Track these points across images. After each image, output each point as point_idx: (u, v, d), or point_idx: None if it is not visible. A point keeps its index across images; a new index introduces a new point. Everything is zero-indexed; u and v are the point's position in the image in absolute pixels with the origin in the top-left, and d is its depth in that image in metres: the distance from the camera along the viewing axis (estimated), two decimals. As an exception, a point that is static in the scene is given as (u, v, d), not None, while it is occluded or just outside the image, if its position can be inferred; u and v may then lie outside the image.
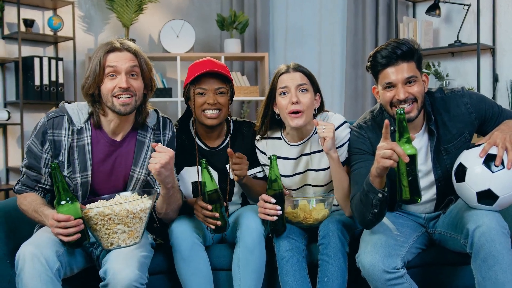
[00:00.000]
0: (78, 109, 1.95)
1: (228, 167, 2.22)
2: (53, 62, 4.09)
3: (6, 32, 4.03)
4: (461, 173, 1.82)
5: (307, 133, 2.17)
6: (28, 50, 4.11)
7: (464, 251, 1.81)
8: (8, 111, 3.86)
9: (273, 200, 1.95)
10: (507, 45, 4.13)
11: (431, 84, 4.23)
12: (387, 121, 1.73)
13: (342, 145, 2.11)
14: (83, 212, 1.76)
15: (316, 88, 2.15)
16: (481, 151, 1.79)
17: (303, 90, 2.09)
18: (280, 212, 1.96)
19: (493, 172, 1.75)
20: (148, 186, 2.05)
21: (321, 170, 2.17)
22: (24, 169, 1.96)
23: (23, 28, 4.00)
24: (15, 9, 3.94)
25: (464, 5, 4.16)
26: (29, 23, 4.02)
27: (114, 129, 1.95)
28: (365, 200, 1.82)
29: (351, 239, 2.04)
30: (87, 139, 1.93)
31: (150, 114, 2.04)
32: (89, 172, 1.93)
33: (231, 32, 4.74)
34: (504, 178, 1.74)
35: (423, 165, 2.00)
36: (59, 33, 4.21)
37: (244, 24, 4.69)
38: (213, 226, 1.99)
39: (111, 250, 1.79)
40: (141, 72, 1.94)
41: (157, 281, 2.07)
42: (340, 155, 2.09)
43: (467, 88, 2.07)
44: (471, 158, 1.82)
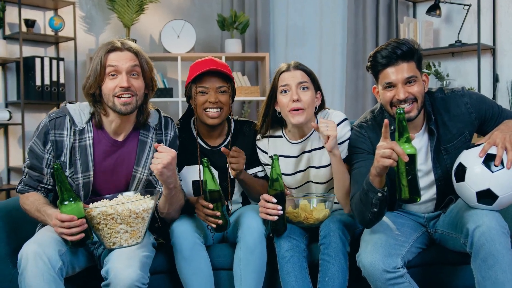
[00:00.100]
0: (80, 110, 1.96)
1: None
2: (54, 62, 4.09)
3: (8, 32, 4.03)
4: (461, 172, 1.82)
5: (308, 130, 2.17)
6: (29, 50, 4.11)
7: (464, 251, 1.82)
8: (9, 111, 3.85)
9: (274, 200, 1.95)
10: (508, 45, 4.13)
11: (431, 84, 4.23)
12: (386, 121, 1.74)
13: (343, 142, 2.11)
14: (86, 211, 1.76)
15: (317, 86, 2.16)
16: (481, 151, 1.79)
17: (303, 88, 2.10)
18: (281, 212, 1.96)
19: (492, 172, 1.75)
20: (150, 186, 2.05)
21: (322, 167, 2.17)
22: (26, 169, 1.97)
23: (24, 28, 4.00)
24: (16, 9, 3.94)
25: (464, 5, 4.16)
26: (30, 23, 4.02)
27: (116, 129, 1.96)
28: (364, 199, 1.82)
29: (351, 239, 2.04)
30: (88, 139, 1.93)
31: (152, 114, 2.05)
32: (91, 172, 1.93)
33: (232, 32, 4.74)
34: (503, 177, 1.75)
35: (423, 165, 2.01)
36: (60, 33, 4.21)
37: (245, 24, 4.68)
38: (214, 225, 2.00)
39: (113, 250, 1.79)
40: (142, 71, 1.94)
41: (158, 281, 2.07)
42: (341, 152, 2.09)
43: (467, 88, 2.08)
44: (470, 158, 1.82)
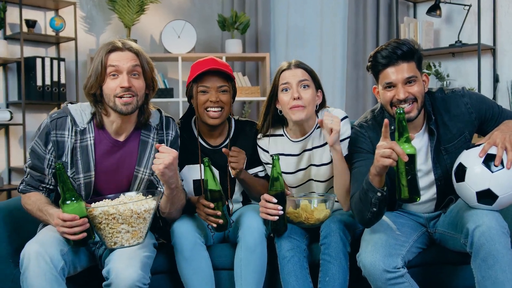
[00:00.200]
0: (81, 110, 1.96)
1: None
2: (55, 62, 4.09)
3: (8, 32, 4.04)
4: (461, 173, 1.82)
5: (309, 128, 2.18)
6: (30, 51, 4.12)
7: (464, 251, 1.82)
8: (10, 112, 3.86)
9: (275, 200, 1.96)
10: (508, 45, 4.13)
11: (432, 84, 4.23)
12: (386, 120, 1.74)
13: (343, 140, 2.11)
14: (88, 211, 1.76)
15: (317, 85, 2.17)
16: (481, 151, 1.80)
17: (304, 86, 2.10)
18: (281, 212, 1.96)
19: (492, 172, 1.76)
20: (152, 186, 2.06)
21: (323, 165, 2.17)
22: (28, 169, 1.97)
23: (25, 28, 4.01)
24: (17, 9, 3.94)
25: (464, 5, 4.16)
26: (31, 23, 4.02)
27: (117, 129, 1.96)
28: (364, 198, 1.83)
29: (352, 239, 2.05)
30: (90, 140, 1.93)
31: (153, 114, 2.05)
32: (92, 173, 1.94)
33: (232, 32, 4.74)
34: (503, 177, 1.75)
35: (423, 165, 2.01)
36: (61, 34, 4.21)
37: (245, 25, 4.69)
38: (214, 225, 2.00)
39: (115, 250, 1.79)
40: (143, 71, 1.94)
41: (159, 281, 2.08)
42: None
43: (467, 89, 2.08)
44: (471, 158, 1.82)
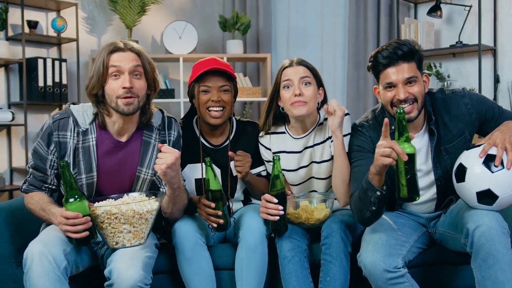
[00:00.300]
0: (83, 111, 1.97)
1: (232, 164, 2.23)
2: (57, 63, 4.10)
3: (10, 33, 4.04)
4: (461, 173, 1.83)
5: (310, 125, 2.20)
6: (32, 52, 4.12)
7: (465, 251, 1.82)
8: (12, 112, 3.86)
9: (276, 200, 1.96)
10: (509, 46, 4.14)
11: (432, 85, 4.23)
12: (386, 120, 1.75)
13: (344, 136, 2.10)
14: (91, 210, 1.77)
15: (319, 82, 2.19)
16: (481, 152, 1.80)
17: (306, 83, 2.12)
18: (282, 212, 1.97)
19: (492, 172, 1.76)
20: (154, 187, 2.06)
21: (323, 161, 2.18)
22: (31, 170, 1.98)
23: (27, 29, 4.02)
24: (19, 10, 3.95)
25: (465, 6, 4.17)
26: (33, 24, 4.03)
27: (119, 129, 1.96)
28: (363, 197, 1.83)
29: (353, 239, 2.05)
30: (92, 141, 1.94)
31: (155, 114, 2.06)
32: (94, 173, 1.94)
33: (233, 33, 4.75)
34: (503, 178, 1.75)
35: (424, 165, 2.01)
36: (62, 35, 4.22)
37: (246, 25, 4.69)
38: (215, 225, 2.01)
39: (116, 249, 1.80)
40: (145, 72, 1.94)
41: (160, 281, 2.08)
42: None
43: (468, 89, 2.09)
44: (471, 159, 1.83)
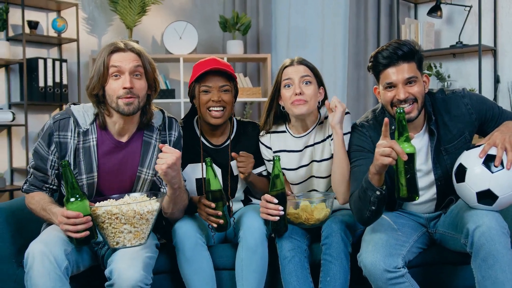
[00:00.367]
0: (84, 111, 1.97)
1: (232, 164, 2.25)
2: (57, 63, 4.11)
3: (11, 34, 4.05)
4: (461, 173, 1.83)
5: (311, 124, 2.21)
6: (32, 52, 4.13)
7: (465, 251, 1.83)
8: (12, 112, 3.87)
9: (276, 201, 1.97)
10: (509, 46, 4.14)
11: (432, 85, 4.23)
12: (386, 119, 1.75)
13: (344, 134, 2.11)
14: (92, 209, 1.77)
15: (320, 81, 2.20)
16: (481, 152, 1.80)
17: (306, 82, 2.13)
18: (282, 213, 1.97)
19: (492, 172, 1.76)
20: (154, 187, 2.07)
21: (324, 160, 2.19)
22: (32, 170, 1.98)
23: (27, 30, 4.02)
24: (20, 11, 3.96)
25: (465, 6, 4.16)
26: (33, 25, 4.03)
27: (120, 130, 1.97)
28: (363, 196, 1.84)
29: (353, 240, 2.06)
30: (92, 141, 1.94)
31: (156, 115, 2.06)
32: (95, 174, 1.95)
33: (234, 33, 4.75)
34: (503, 178, 1.76)
35: (424, 165, 2.02)
36: (63, 35, 4.22)
37: (247, 26, 4.69)
38: (215, 225, 2.01)
39: (117, 249, 1.80)
40: (145, 72, 1.94)
41: (161, 281, 2.08)
42: None
43: (468, 89, 2.09)
44: (471, 159, 1.83)
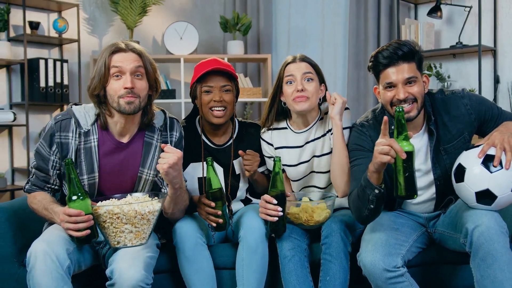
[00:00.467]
0: (85, 112, 1.98)
1: (235, 163, 2.27)
2: (58, 64, 4.11)
3: (12, 34, 4.05)
4: (460, 173, 1.84)
5: (311, 120, 2.23)
6: (33, 52, 4.13)
7: (464, 250, 1.83)
8: (13, 113, 3.87)
9: (275, 201, 1.97)
10: (509, 46, 4.14)
11: (432, 85, 4.24)
12: (386, 118, 1.76)
13: (343, 129, 2.13)
14: (93, 209, 1.78)
15: (321, 79, 2.22)
16: (480, 152, 1.81)
17: (308, 79, 2.15)
18: (281, 214, 1.98)
19: (491, 172, 1.77)
20: (155, 187, 2.07)
21: (324, 155, 2.21)
22: (33, 170, 1.99)
23: (28, 30, 4.03)
24: (21, 11, 3.97)
25: (465, 7, 4.17)
26: (34, 25, 4.04)
27: (121, 130, 1.97)
28: (362, 195, 1.85)
29: (352, 239, 2.06)
30: (93, 141, 1.95)
31: (157, 115, 2.07)
32: (96, 174, 1.95)
33: (234, 34, 4.76)
34: (502, 178, 1.76)
35: (423, 165, 2.02)
36: (64, 35, 4.23)
37: (247, 26, 4.70)
38: (214, 224, 2.02)
39: (118, 249, 1.81)
40: (146, 72, 1.95)
41: (161, 280, 2.09)
42: None
43: (468, 90, 2.10)
44: (470, 159, 1.84)
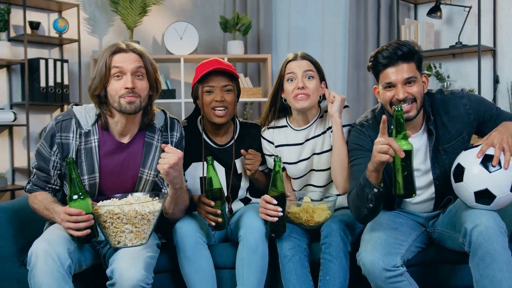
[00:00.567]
0: (86, 112, 1.98)
1: (237, 162, 2.28)
2: (58, 64, 4.12)
3: (12, 34, 4.06)
4: (459, 173, 1.84)
5: (312, 117, 2.25)
6: (33, 52, 4.14)
7: (463, 250, 1.84)
8: (14, 113, 3.88)
9: (275, 202, 1.97)
10: (508, 47, 4.15)
11: (432, 85, 4.25)
12: (384, 117, 1.77)
13: (343, 127, 2.14)
14: (94, 208, 1.79)
15: (322, 76, 2.23)
16: (479, 152, 1.82)
17: (309, 77, 2.17)
18: (281, 214, 1.98)
19: (490, 172, 1.78)
20: (156, 187, 2.08)
21: (324, 152, 2.22)
22: (34, 170, 1.99)
23: (29, 30, 4.04)
24: (21, 11, 3.97)
25: (465, 7, 4.17)
26: (34, 25, 4.05)
27: (121, 130, 1.98)
28: (361, 194, 1.85)
29: (352, 239, 2.07)
30: (94, 142, 1.95)
31: (158, 115, 2.07)
32: (96, 174, 1.96)
33: (234, 34, 4.76)
34: (501, 178, 1.77)
35: (422, 164, 2.03)
36: (64, 35, 4.23)
37: (247, 26, 4.70)
38: (213, 223, 2.03)
39: (118, 249, 1.82)
40: (147, 73, 1.96)
41: (162, 280, 2.10)
42: None
43: (467, 90, 2.10)
44: (469, 159, 1.84)
